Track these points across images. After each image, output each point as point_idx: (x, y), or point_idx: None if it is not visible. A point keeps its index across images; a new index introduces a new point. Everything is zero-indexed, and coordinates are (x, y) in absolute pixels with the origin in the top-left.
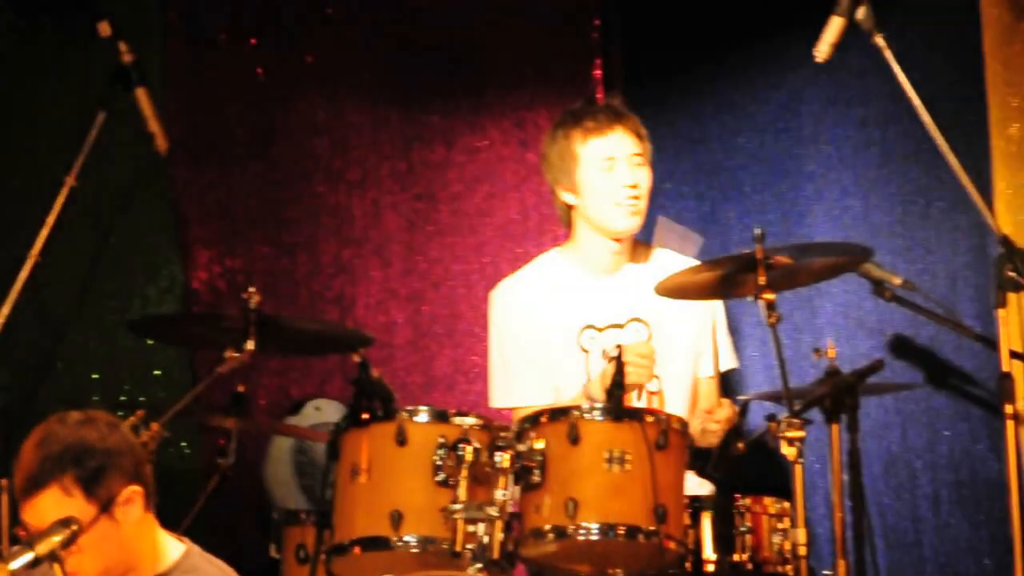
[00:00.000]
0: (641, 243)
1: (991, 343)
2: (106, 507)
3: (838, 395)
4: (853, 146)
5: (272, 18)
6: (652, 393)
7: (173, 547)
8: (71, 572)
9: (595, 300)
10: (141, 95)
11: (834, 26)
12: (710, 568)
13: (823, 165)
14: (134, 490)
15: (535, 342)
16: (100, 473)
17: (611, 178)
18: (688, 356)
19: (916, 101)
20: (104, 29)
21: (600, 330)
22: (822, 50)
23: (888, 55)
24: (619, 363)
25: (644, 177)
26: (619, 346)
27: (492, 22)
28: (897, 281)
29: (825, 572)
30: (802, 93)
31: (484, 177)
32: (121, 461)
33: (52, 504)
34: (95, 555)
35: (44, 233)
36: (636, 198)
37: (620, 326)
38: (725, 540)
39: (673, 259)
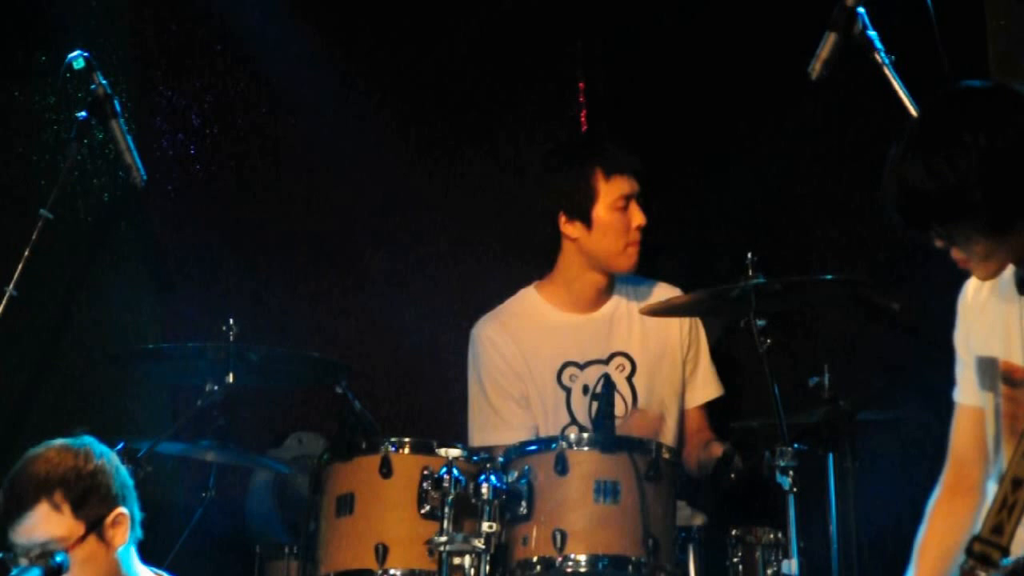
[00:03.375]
0: (623, 279)
1: None
2: (94, 526)
3: (835, 424)
4: (850, 167)
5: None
6: None
7: None
8: None
9: (576, 337)
10: (116, 128)
11: (828, 42)
12: None
13: (817, 188)
14: (121, 512)
15: (515, 379)
16: (88, 493)
17: (625, 218)
18: (675, 388)
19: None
20: (79, 62)
21: (581, 367)
22: (815, 67)
23: (887, 72)
24: (606, 394)
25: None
26: (605, 375)
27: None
28: (896, 307)
29: None
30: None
31: (465, 207)
32: (108, 482)
33: (42, 520)
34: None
35: (20, 266)
36: (641, 239)
37: (603, 362)
38: (717, 572)
39: (655, 293)
